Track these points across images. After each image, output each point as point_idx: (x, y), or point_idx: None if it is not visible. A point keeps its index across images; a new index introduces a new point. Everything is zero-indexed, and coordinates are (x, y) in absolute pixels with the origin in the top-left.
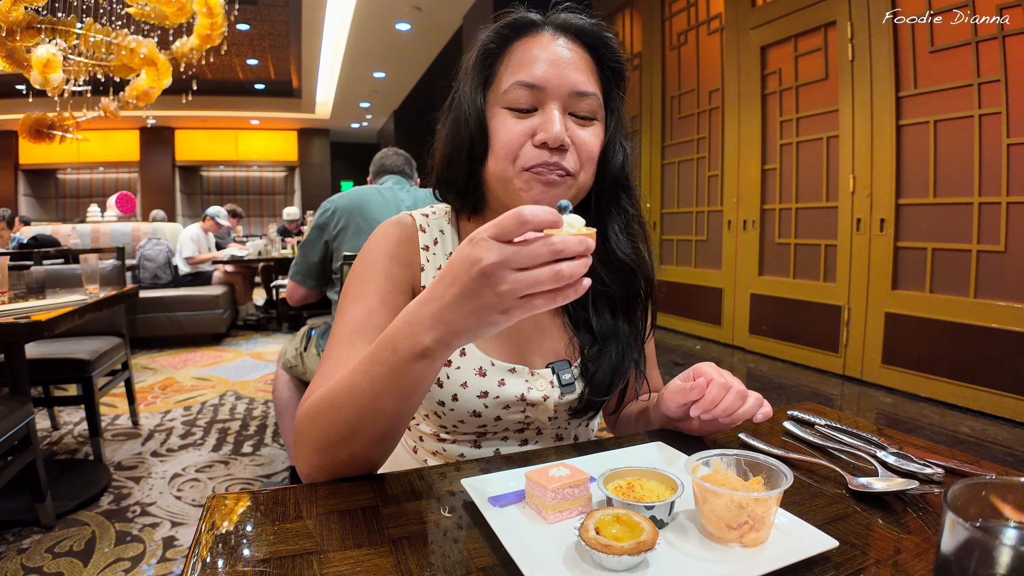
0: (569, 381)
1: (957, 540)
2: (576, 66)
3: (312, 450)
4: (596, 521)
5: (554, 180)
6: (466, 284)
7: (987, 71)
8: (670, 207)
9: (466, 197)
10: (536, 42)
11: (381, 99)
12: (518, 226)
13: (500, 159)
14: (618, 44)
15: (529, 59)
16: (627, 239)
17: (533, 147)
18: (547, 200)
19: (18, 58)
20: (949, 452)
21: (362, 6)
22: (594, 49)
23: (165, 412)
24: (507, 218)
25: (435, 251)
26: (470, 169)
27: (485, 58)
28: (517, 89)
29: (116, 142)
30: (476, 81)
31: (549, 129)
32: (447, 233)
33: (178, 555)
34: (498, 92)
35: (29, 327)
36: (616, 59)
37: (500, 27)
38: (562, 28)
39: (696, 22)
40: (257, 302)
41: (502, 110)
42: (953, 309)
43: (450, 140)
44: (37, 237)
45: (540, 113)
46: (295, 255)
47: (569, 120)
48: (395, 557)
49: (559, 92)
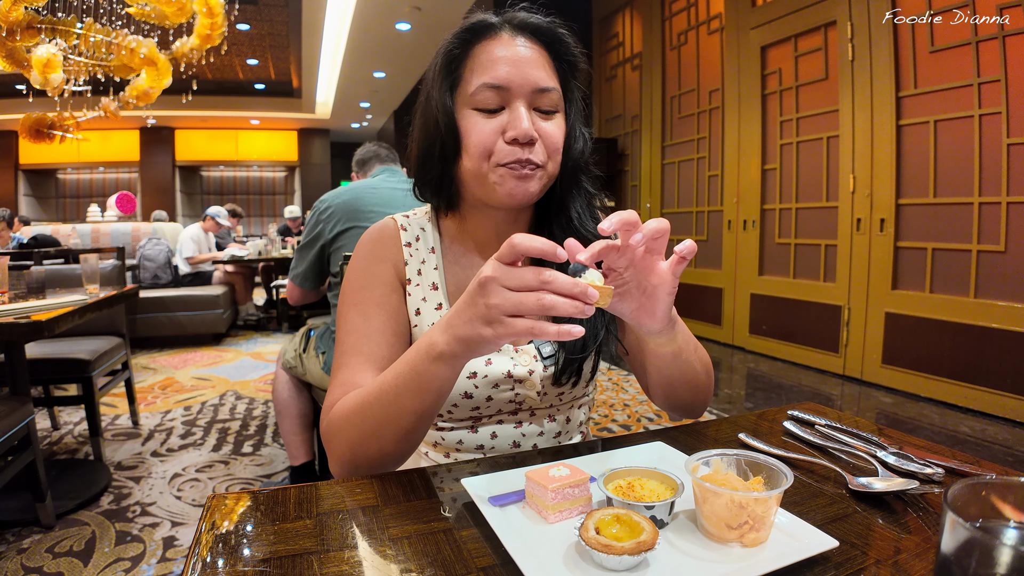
0: (550, 353)
1: (957, 540)
2: (536, 64)
3: (345, 447)
4: (596, 521)
5: (526, 174)
6: (468, 293)
7: (987, 71)
8: (670, 207)
9: (441, 194)
10: (496, 43)
11: (381, 99)
12: (509, 250)
13: (475, 157)
14: (572, 39)
15: (492, 61)
16: (590, 216)
17: (504, 143)
18: (521, 193)
19: (18, 58)
20: (949, 452)
21: (362, 6)
22: (550, 45)
23: (165, 412)
24: (505, 244)
25: (417, 247)
26: (443, 168)
27: (450, 63)
28: (484, 91)
29: (116, 142)
30: (443, 85)
31: (518, 126)
32: (427, 230)
33: (178, 555)
34: (465, 94)
35: (29, 327)
36: (571, 53)
37: (461, 31)
38: (519, 27)
39: (696, 22)
40: (257, 302)
41: (471, 111)
42: (953, 309)
43: (423, 142)
44: (37, 237)
45: (507, 111)
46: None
47: (534, 115)
48: (395, 557)
49: (523, 91)
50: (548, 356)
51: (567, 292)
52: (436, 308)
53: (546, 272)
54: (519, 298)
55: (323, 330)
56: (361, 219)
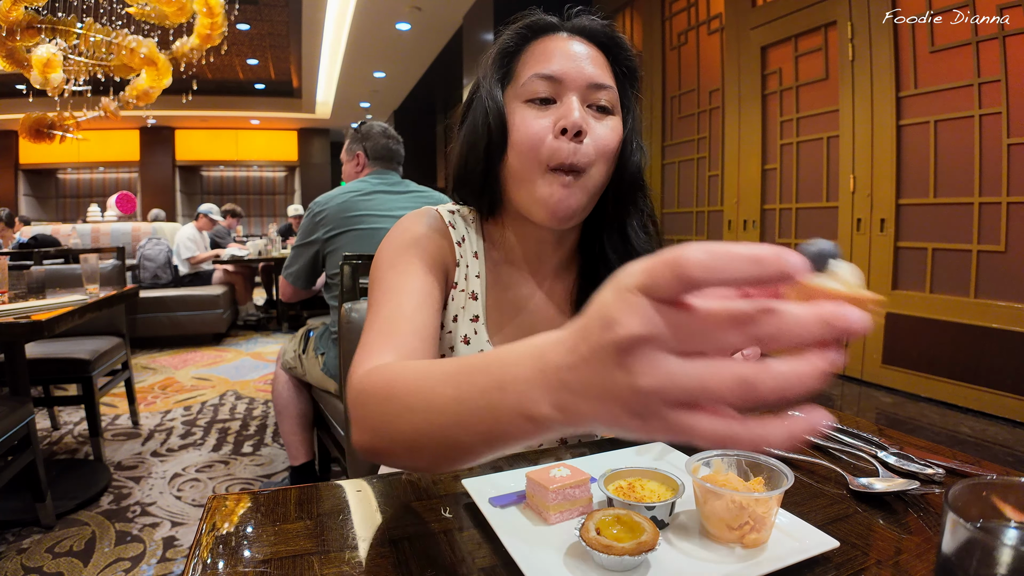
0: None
1: (958, 540)
2: (592, 61)
3: (371, 435)
4: (597, 521)
5: (570, 183)
6: (596, 353)
7: (987, 71)
8: (670, 207)
9: (483, 196)
10: (553, 40)
11: (381, 99)
12: (673, 276)
13: (522, 154)
14: (630, 46)
15: (547, 54)
16: (645, 237)
17: (553, 139)
18: (564, 207)
19: (18, 58)
20: (950, 452)
21: (362, 6)
22: (608, 49)
23: (165, 412)
24: (663, 264)
25: (464, 248)
26: (487, 167)
27: (503, 56)
28: (536, 81)
29: (116, 142)
30: (495, 78)
31: (569, 116)
32: (471, 232)
33: (178, 555)
34: (517, 86)
35: (29, 327)
36: (629, 59)
37: (519, 27)
38: (577, 29)
39: (696, 22)
40: (257, 302)
41: (521, 104)
42: (953, 309)
43: (468, 138)
44: (37, 237)
45: (559, 105)
46: None
47: (587, 112)
48: (395, 557)
49: (577, 84)
50: None
51: (815, 334)
52: (472, 320)
53: (764, 307)
54: (706, 376)
55: (322, 330)
56: (355, 223)
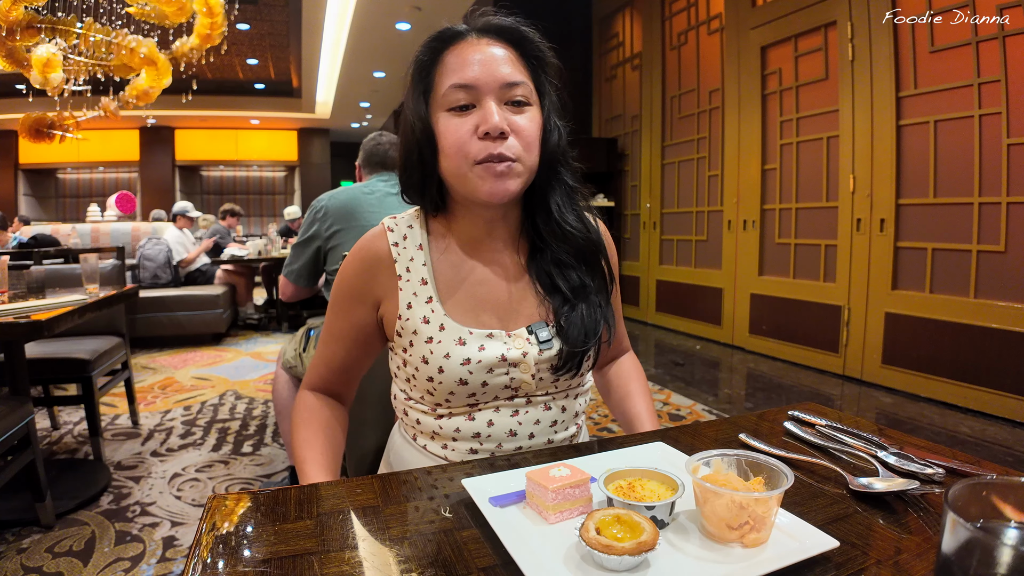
0: (547, 338)
1: (958, 540)
2: (502, 60)
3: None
4: (597, 521)
5: (503, 171)
6: None
7: (987, 71)
8: (670, 207)
9: (426, 196)
10: (463, 47)
11: (381, 99)
12: None
13: (452, 157)
14: (537, 36)
15: (460, 63)
16: (571, 209)
17: (478, 140)
18: (501, 191)
19: (18, 58)
20: (950, 452)
21: (362, 6)
22: (517, 44)
23: (165, 412)
24: None
25: (405, 244)
26: (423, 172)
27: (421, 70)
28: (454, 91)
29: (116, 142)
30: (417, 92)
31: (488, 120)
32: (415, 227)
33: (178, 555)
34: (438, 97)
35: (29, 327)
36: (536, 49)
37: (430, 40)
38: (484, 31)
39: (696, 22)
40: (257, 302)
41: (444, 113)
42: (953, 309)
43: (404, 148)
44: (37, 237)
45: (478, 109)
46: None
47: (506, 110)
48: (395, 557)
49: (491, 87)
50: (544, 341)
51: None
52: (427, 301)
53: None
54: None
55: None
56: (356, 220)
